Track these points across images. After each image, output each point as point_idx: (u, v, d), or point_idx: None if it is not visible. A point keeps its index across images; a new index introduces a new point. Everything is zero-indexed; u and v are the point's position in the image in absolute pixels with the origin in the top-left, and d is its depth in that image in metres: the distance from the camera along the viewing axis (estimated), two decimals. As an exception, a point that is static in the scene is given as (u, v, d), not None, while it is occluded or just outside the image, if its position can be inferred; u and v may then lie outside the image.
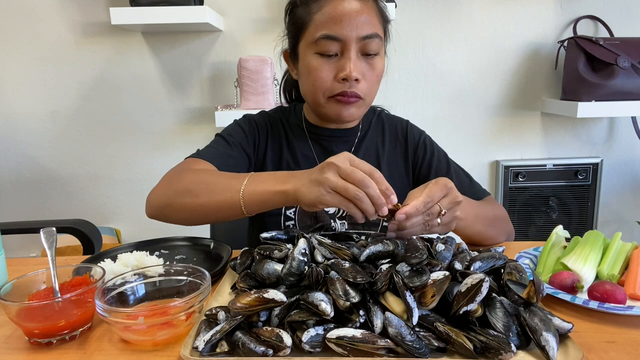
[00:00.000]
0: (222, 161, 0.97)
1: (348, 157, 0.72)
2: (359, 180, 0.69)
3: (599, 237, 0.84)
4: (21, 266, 0.94)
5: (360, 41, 0.91)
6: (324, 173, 0.71)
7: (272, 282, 0.70)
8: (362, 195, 0.69)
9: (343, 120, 1.00)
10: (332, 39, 0.91)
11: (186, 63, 1.94)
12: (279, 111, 1.14)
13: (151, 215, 0.91)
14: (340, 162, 0.71)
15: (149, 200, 0.91)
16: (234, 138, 1.04)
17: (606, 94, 1.77)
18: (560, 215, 2.09)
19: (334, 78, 0.94)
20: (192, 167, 0.93)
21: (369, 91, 0.96)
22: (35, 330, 0.64)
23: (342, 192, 0.70)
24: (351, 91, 0.93)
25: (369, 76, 0.95)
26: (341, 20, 0.90)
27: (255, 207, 0.81)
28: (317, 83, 0.95)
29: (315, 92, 0.96)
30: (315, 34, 0.92)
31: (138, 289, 0.73)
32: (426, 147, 1.11)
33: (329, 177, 0.70)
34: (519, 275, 0.67)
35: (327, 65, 0.93)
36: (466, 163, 2.05)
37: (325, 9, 0.91)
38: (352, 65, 0.91)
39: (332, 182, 0.70)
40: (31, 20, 1.87)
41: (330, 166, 0.71)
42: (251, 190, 0.80)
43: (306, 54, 0.95)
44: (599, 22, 1.95)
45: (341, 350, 0.58)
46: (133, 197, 2.06)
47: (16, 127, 1.97)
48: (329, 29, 0.91)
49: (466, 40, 1.96)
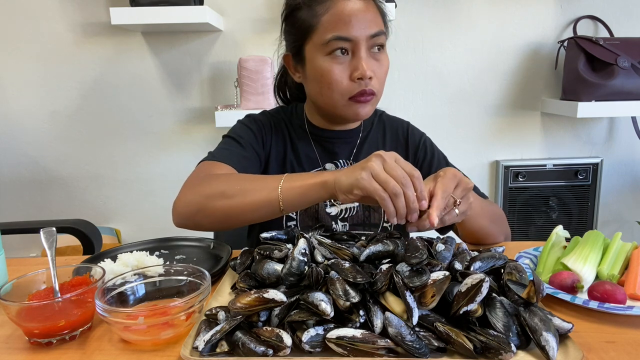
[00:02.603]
0: (238, 163, 0.97)
1: (395, 155, 0.74)
2: (400, 177, 0.70)
3: (599, 237, 0.84)
4: (21, 266, 0.94)
5: (369, 40, 0.93)
6: (370, 161, 0.73)
7: (272, 282, 0.70)
8: (400, 192, 0.70)
9: (360, 119, 1.03)
10: (344, 40, 0.92)
11: (186, 63, 1.94)
12: (281, 111, 1.13)
13: (180, 224, 0.90)
14: (388, 156, 0.73)
15: (177, 209, 0.89)
16: (244, 139, 1.04)
17: (606, 94, 1.77)
18: (560, 215, 2.09)
19: (348, 78, 0.94)
20: (215, 171, 0.93)
21: (380, 87, 0.98)
22: (35, 330, 0.64)
23: (382, 183, 0.71)
24: (369, 89, 0.95)
25: (379, 72, 0.96)
26: (350, 21, 0.91)
27: (294, 201, 0.82)
28: (333, 85, 0.95)
29: (332, 95, 0.96)
30: (325, 36, 0.93)
31: (138, 289, 0.73)
32: (426, 149, 1.12)
33: (373, 164, 0.72)
34: (519, 275, 0.67)
35: (340, 67, 0.94)
36: (466, 163, 2.07)
37: (332, 10, 0.92)
38: (365, 64, 0.92)
39: (375, 169, 0.71)
40: (31, 20, 1.87)
41: (377, 157, 0.73)
42: (289, 186, 0.82)
43: (315, 57, 0.95)
44: (599, 22, 1.95)
45: (341, 350, 0.58)
46: (133, 197, 2.06)
47: (16, 127, 1.97)
48: (340, 30, 0.91)
49: (466, 40, 1.96)
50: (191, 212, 0.87)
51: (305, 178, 0.82)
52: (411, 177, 0.71)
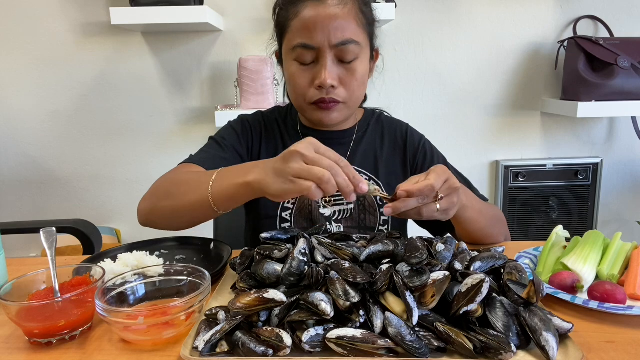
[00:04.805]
0: (214, 164, 0.98)
1: (313, 143, 0.69)
2: (326, 167, 0.67)
3: (599, 237, 0.84)
4: (21, 266, 0.94)
5: (334, 48, 0.91)
6: (287, 162, 0.68)
7: (272, 282, 0.70)
8: (328, 176, 0.66)
9: (325, 125, 1.01)
10: (307, 47, 0.91)
11: (186, 63, 1.94)
12: (275, 111, 1.14)
13: (142, 223, 0.93)
14: (305, 149, 0.68)
15: (138, 209, 0.93)
16: (226, 140, 1.05)
17: (606, 94, 1.77)
18: (560, 215, 2.09)
19: (310, 84, 0.95)
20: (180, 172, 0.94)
21: (349, 95, 0.96)
22: (35, 330, 0.64)
23: (306, 175, 0.67)
24: (329, 98, 0.94)
25: (348, 81, 0.94)
26: (314, 28, 0.89)
27: (225, 203, 0.80)
28: (297, 90, 0.96)
29: (297, 98, 0.98)
30: (292, 42, 0.93)
31: (138, 289, 0.73)
32: (426, 151, 1.11)
33: (292, 165, 0.67)
34: (519, 275, 0.67)
35: (304, 73, 0.94)
36: (466, 163, 2.07)
37: (300, 15, 0.91)
38: (327, 73, 0.91)
39: (296, 169, 0.67)
40: (31, 20, 1.87)
41: (294, 154, 0.68)
42: (218, 186, 0.79)
43: (286, 59, 0.97)
44: (599, 22, 1.95)
45: (341, 350, 0.58)
46: (133, 197, 2.06)
47: (16, 127, 1.97)
48: (303, 37, 0.91)
49: (466, 40, 1.96)
50: (146, 212, 0.91)
51: (233, 176, 0.78)
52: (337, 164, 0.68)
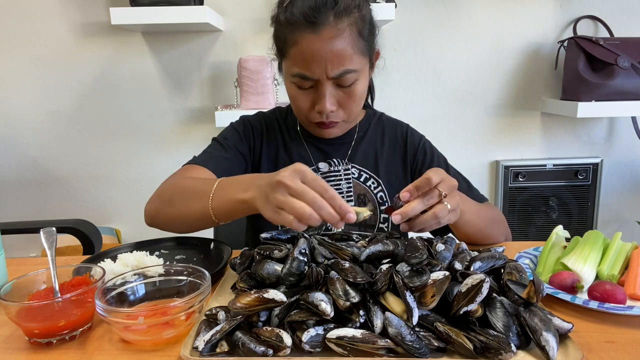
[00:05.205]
0: (217, 165, 1.00)
1: (299, 171, 0.68)
2: (310, 201, 0.66)
3: (599, 237, 0.84)
4: (21, 266, 0.94)
5: (332, 79, 0.92)
6: (273, 191, 0.68)
7: (272, 282, 0.70)
8: (310, 212, 0.65)
9: (328, 137, 1.05)
10: (306, 78, 0.92)
11: (186, 63, 1.94)
12: (276, 112, 1.15)
13: (148, 224, 0.96)
14: (289, 179, 0.67)
15: (145, 210, 0.95)
16: (228, 141, 1.07)
17: (606, 94, 1.77)
18: (560, 215, 2.09)
19: (311, 108, 0.96)
20: (185, 175, 0.95)
21: (349, 113, 0.98)
22: (35, 330, 0.64)
23: (288, 209, 0.66)
24: (328, 121, 0.97)
25: (347, 103, 0.96)
26: (312, 61, 0.89)
27: (226, 216, 0.82)
28: (297, 109, 1.00)
29: (298, 114, 1.02)
30: (290, 69, 0.94)
31: (138, 289, 0.73)
32: (426, 151, 1.11)
33: (276, 196, 0.67)
34: (519, 275, 0.67)
35: (304, 96, 0.96)
36: (466, 163, 2.07)
37: (298, 45, 0.90)
38: (327, 101, 0.93)
39: (280, 201, 0.67)
40: (31, 20, 1.87)
41: (279, 185, 0.67)
42: (218, 199, 0.81)
43: (286, 77, 0.98)
44: (599, 22, 1.95)
45: (341, 350, 0.58)
46: (133, 197, 2.06)
47: (16, 127, 1.97)
48: (302, 68, 0.91)
49: (466, 40, 1.96)
50: (151, 215, 0.93)
51: (232, 192, 0.78)
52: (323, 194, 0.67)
